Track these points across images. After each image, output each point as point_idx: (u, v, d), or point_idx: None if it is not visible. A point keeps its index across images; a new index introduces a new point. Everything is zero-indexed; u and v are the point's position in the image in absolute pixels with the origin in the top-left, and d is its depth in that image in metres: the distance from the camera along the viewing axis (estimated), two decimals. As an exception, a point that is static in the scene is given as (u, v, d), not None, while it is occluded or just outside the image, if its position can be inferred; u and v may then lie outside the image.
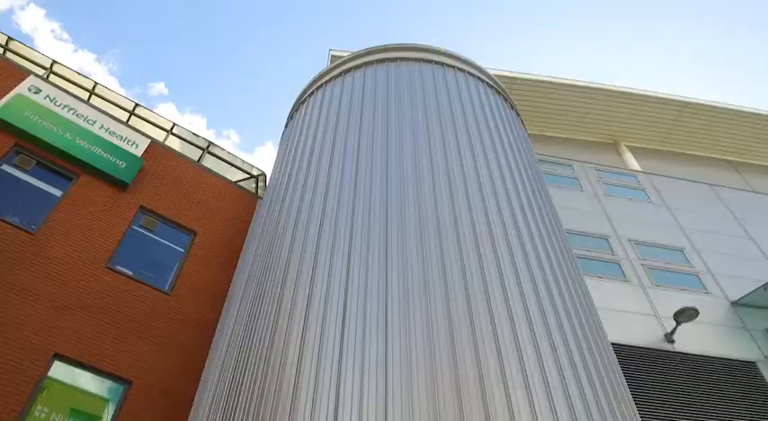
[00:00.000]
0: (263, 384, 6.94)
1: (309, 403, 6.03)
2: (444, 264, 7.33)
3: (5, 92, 10.53)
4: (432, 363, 6.07)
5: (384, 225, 8.40)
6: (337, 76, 14.28)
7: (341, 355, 6.47)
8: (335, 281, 7.71)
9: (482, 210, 8.42)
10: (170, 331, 9.70)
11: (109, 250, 9.93)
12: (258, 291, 9.18)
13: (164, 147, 12.74)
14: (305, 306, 7.53)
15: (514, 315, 6.72)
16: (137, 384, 8.71)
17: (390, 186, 9.20)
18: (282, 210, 10.75)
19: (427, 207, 8.56)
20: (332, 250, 8.35)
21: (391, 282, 7.28)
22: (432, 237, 7.91)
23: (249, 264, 10.67)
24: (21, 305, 8.35)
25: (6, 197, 9.62)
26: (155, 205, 11.33)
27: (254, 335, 8.21)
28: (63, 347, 8.37)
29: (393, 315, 6.80)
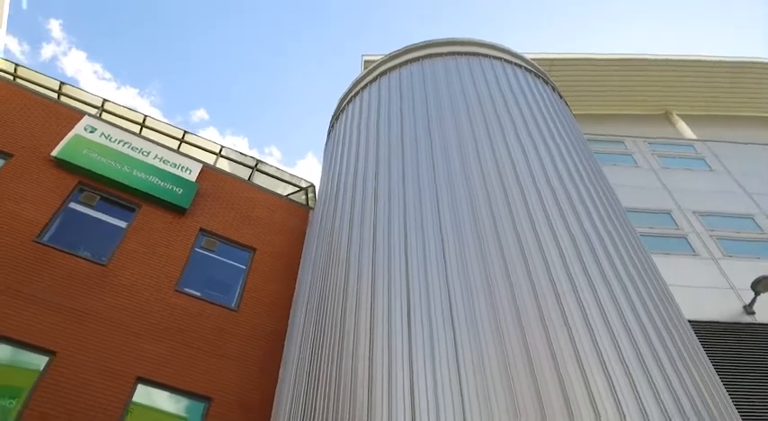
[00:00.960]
0: (337, 389, 7.03)
1: (386, 405, 6.06)
2: (504, 256, 7.23)
3: (64, 134, 11.12)
4: (504, 356, 5.98)
5: (437, 221, 8.36)
6: (373, 80, 14.35)
7: (411, 355, 6.47)
8: (396, 280, 7.73)
9: (536, 198, 8.26)
10: (241, 346, 9.97)
11: (176, 274, 10.31)
12: (321, 299, 9.32)
13: (215, 170, 13.13)
14: (369, 308, 7.58)
15: (583, 301, 6.54)
16: (216, 401, 8.98)
17: (439, 183, 9.15)
18: (335, 217, 10.88)
19: (479, 200, 8.46)
20: (388, 251, 8.38)
21: (452, 278, 7.24)
22: (488, 229, 7.81)
23: (310, 274, 10.85)
24: (101, 333, 8.77)
25: (76, 233, 10.15)
26: (213, 226, 11.70)
27: (323, 342, 8.33)
28: (144, 371, 8.73)
29: (458, 310, 6.74)
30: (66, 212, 10.16)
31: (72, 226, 10.15)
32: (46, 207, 9.83)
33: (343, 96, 15.39)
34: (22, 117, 10.97)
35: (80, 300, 8.98)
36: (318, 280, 10.10)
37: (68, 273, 9.18)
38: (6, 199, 9.53)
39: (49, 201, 9.95)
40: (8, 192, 9.64)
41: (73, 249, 9.63)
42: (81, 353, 8.38)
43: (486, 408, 5.48)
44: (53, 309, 8.65)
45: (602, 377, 5.67)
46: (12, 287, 8.53)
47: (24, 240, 9.18)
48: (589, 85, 18.17)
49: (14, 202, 9.56)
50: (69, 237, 9.90)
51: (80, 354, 8.37)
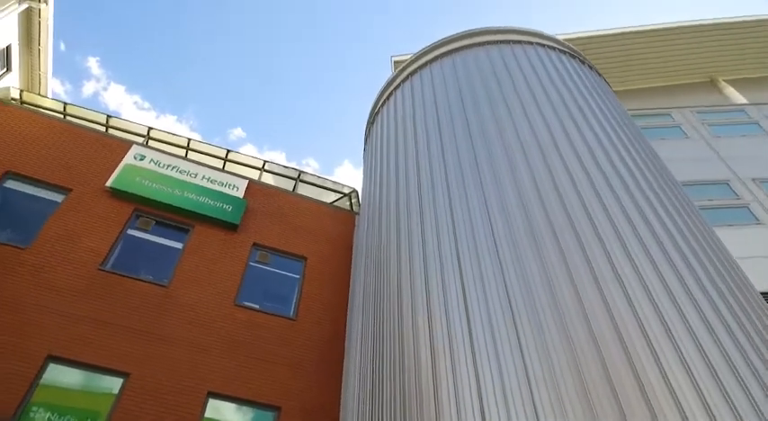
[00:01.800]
0: (402, 396, 7.04)
1: (454, 411, 6.00)
2: (560, 244, 7.07)
3: (116, 164, 11.60)
4: (572, 352, 5.82)
5: (485, 214, 8.27)
6: (404, 80, 14.34)
7: (474, 358, 6.38)
8: (449, 276, 7.69)
9: (586, 181, 8.05)
10: (303, 354, 10.13)
11: (234, 289, 10.57)
12: (376, 301, 9.37)
13: (260, 185, 13.41)
14: (425, 308, 7.57)
15: (649, 285, 6.28)
16: (285, 409, 9.15)
17: (483, 173, 9.04)
18: (381, 219, 10.92)
19: (526, 187, 8.32)
20: (438, 246, 8.34)
21: (508, 271, 7.14)
22: (539, 217, 7.67)
23: (362, 278, 10.93)
24: (170, 352, 9.08)
25: (137, 258, 10.56)
26: (265, 240, 11.94)
27: (383, 346, 8.36)
28: (214, 385, 8.99)
29: (518, 305, 6.63)
30: (125, 239, 10.59)
31: (132, 251, 10.56)
32: (106, 235, 10.27)
33: (377, 99, 15.44)
34: (76, 152, 11.51)
35: (147, 321, 9.33)
36: (371, 283, 10.16)
37: (133, 297, 9.56)
38: (70, 231, 10.01)
39: (109, 230, 10.39)
40: (71, 225, 10.12)
41: (135, 273, 10.03)
42: (153, 373, 8.71)
43: (559, 409, 5.32)
44: (122, 332, 9.01)
45: (683, 371, 5.38)
46: (81, 314, 8.95)
47: (90, 269, 9.61)
48: (626, 59, 17.59)
49: (77, 234, 10.03)
50: (131, 262, 10.31)
51: (152, 374, 8.69)
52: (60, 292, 9.08)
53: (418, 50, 14.19)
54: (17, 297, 8.74)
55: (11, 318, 8.43)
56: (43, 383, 8.09)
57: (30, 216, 10.20)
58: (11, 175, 10.54)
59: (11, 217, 10.32)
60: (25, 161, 10.84)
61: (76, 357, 8.48)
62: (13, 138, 11.14)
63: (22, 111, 11.94)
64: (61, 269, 9.40)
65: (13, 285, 8.86)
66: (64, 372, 8.40)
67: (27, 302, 8.74)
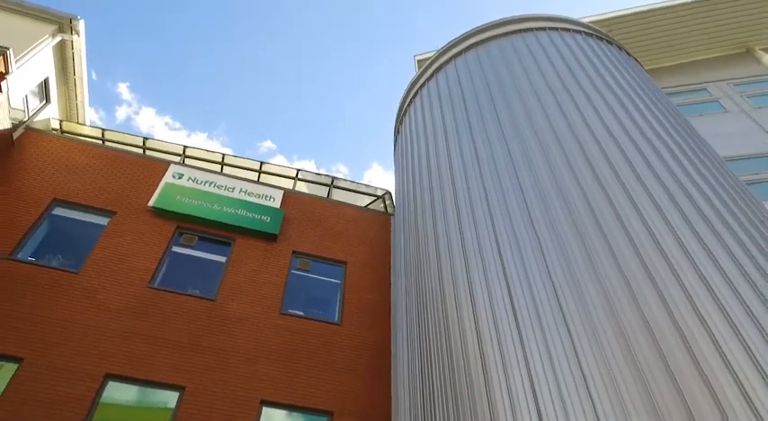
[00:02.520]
0: (454, 397, 7.01)
1: (507, 403, 5.95)
2: (605, 233, 6.92)
3: (156, 184, 11.93)
4: (627, 344, 5.68)
5: (523, 204, 8.17)
6: (429, 77, 14.30)
7: (523, 348, 6.33)
8: (492, 271, 7.63)
9: (625, 165, 7.85)
10: (350, 358, 10.20)
11: (278, 297, 10.73)
12: (419, 300, 9.36)
13: (296, 194, 13.58)
14: (470, 306, 7.53)
15: (702, 270, 6.05)
16: (337, 413, 9.23)
17: (517, 163, 8.95)
18: (417, 218, 10.91)
19: (563, 175, 8.19)
20: (477, 240, 8.29)
21: (551, 261, 7.03)
22: (579, 205, 7.53)
23: (403, 278, 10.94)
24: (222, 363, 9.27)
25: (184, 274, 10.83)
26: (304, 247, 12.08)
27: (430, 344, 8.35)
28: (266, 394, 9.14)
29: (565, 298, 6.52)
30: (170, 256, 10.87)
31: (178, 267, 10.84)
32: (152, 254, 10.56)
33: (403, 99, 15.44)
34: (118, 175, 11.88)
35: (197, 335, 9.56)
36: (412, 283, 10.17)
37: (183, 312, 9.80)
38: (118, 252, 10.34)
39: (155, 248, 10.68)
40: (118, 246, 10.45)
41: (183, 289, 10.29)
42: (207, 385, 8.91)
43: (618, 406, 5.19)
44: (175, 346, 9.25)
45: (748, 362, 5.18)
46: (135, 332, 9.22)
47: (140, 287, 9.90)
48: (655, 37, 17.09)
49: (125, 255, 10.35)
50: (178, 278, 10.58)
51: (206, 386, 8.89)
52: (113, 312, 9.39)
53: (441, 47, 14.13)
54: (73, 319, 9.07)
55: (69, 340, 8.76)
56: (103, 402, 8.36)
57: (79, 240, 10.58)
58: (58, 203, 10.96)
59: (61, 242, 10.72)
60: (70, 188, 11.26)
61: (133, 374, 8.74)
62: (58, 167, 11.58)
63: (64, 140, 12.40)
64: (112, 289, 9.71)
65: (68, 308, 9.20)
66: (122, 390, 8.68)
67: (82, 324, 9.06)
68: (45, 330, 8.77)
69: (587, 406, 5.29)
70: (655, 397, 4.98)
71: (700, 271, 5.88)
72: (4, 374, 8.28)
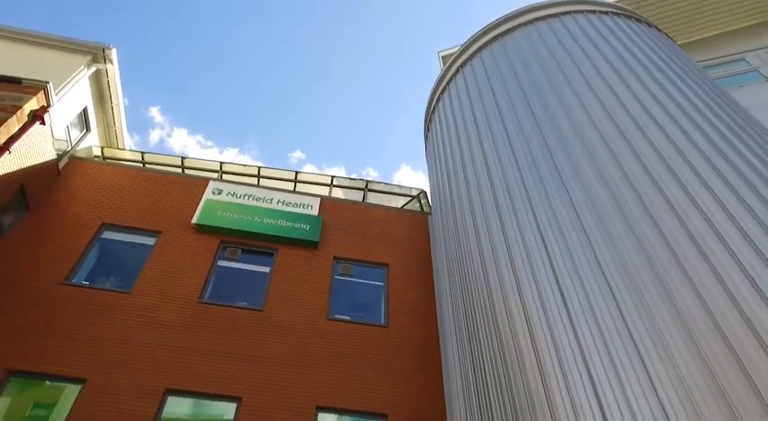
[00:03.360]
0: (511, 394, 6.94)
1: (569, 404, 5.82)
2: (653, 217, 6.74)
3: (198, 201, 12.22)
4: (689, 334, 5.50)
5: (563, 189, 8.03)
6: (456, 72, 14.22)
7: (578, 342, 6.20)
8: (537, 261, 7.52)
9: (669, 147, 7.61)
10: (399, 359, 10.20)
11: (324, 303, 10.83)
12: (465, 299, 9.30)
13: (332, 200, 13.70)
14: (518, 300, 7.44)
15: (759, 246, 5.83)
16: (391, 416, 9.24)
17: (555, 152, 8.80)
18: (456, 215, 10.85)
19: (603, 160, 8.01)
20: (519, 230, 8.19)
21: (598, 246, 6.89)
22: (623, 190, 7.35)
23: (446, 276, 10.89)
24: (275, 372, 9.41)
25: (231, 286, 11.07)
26: (345, 252, 12.17)
27: (480, 341, 8.28)
28: (321, 400, 9.22)
29: (617, 285, 6.37)
30: (217, 270, 11.12)
31: (225, 281, 11.08)
32: (199, 269, 10.82)
33: (430, 97, 15.40)
34: (160, 196, 12.23)
35: (249, 345, 9.73)
36: (456, 279, 10.11)
37: (233, 324, 10.00)
38: (166, 270, 10.63)
39: (201, 264, 10.94)
40: (166, 265, 10.75)
41: (231, 301, 10.51)
42: (263, 395, 9.06)
43: (688, 401, 5.00)
44: (228, 358, 9.44)
45: None
46: (189, 346, 9.45)
47: (190, 302, 10.15)
48: (684, 10, 16.55)
49: (173, 272, 10.63)
50: (225, 291, 10.82)
51: (262, 396, 9.04)
52: (167, 328, 9.64)
53: (465, 41, 14.04)
54: (129, 338, 9.36)
55: (127, 359, 9.04)
56: (165, 417, 8.59)
57: (128, 261, 10.92)
58: (106, 226, 11.34)
59: (112, 265, 11.10)
60: (116, 211, 11.64)
61: (191, 388, 8.96)
62: (103, 192, 11.99)
63: (107, 166, 12.83)
64: (164, 307, 9.98)
65: (123, 327, 9.50)
66: (182, 404, 8.91)
67: (139, 342, 9.34)
68: (104, 350, 9.08)
69: (656, 408, 5.13)
70: (731, 399, 4.76)
71: (762, 254, 5.63)
72: (69, 395, 8.60)
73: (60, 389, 8.76)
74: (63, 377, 8.71)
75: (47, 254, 10.42)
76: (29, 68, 11.49)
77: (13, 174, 10.19)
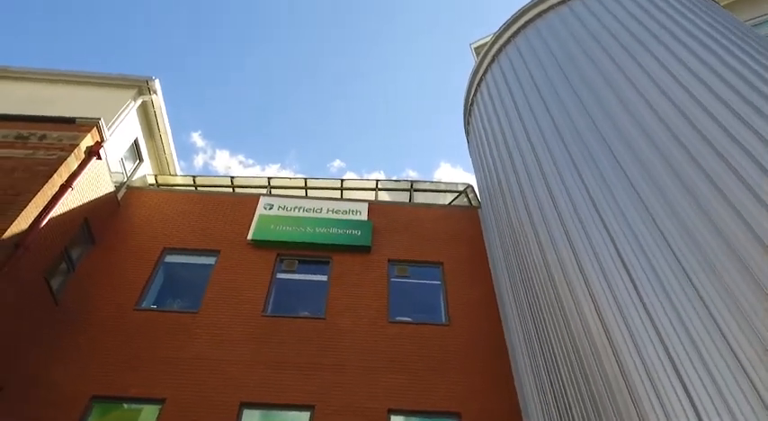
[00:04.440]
0: (588, 387, 6.76)
1: (657, 404, 5.58)
2: (717, 186, 6.44)
3: (251, 217, 12.51)
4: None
5: (618, 169, 7.78)
6: (491, 62, 14.04)
7: (657, 332, 5.96)
8: (598, 241, 7.32)
9: (729, 114, 7.25)
10: (466, 356, 10.10)
11: (383, 306, 10.86)
12: (526, 290, 9.13)
13: (379, 204, 13.75)
14: (585, 289, 7.25)
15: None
16: (465, 414, 9.15)
17: (605, 131, 8.55)
18: (507, 205, 10.68)
19: (661, 136, 7.70)
20: (575, 213, 7.99)
21: (664, 225, 6.63)
22: (684, 163, 7.06)
23: (504, 268, 10.73)
24: (344, 378, 9.49)
25: (291, 297, 11.27)
26: (398, 254, 12.18)
27: (549, 333, 8.11)
28: (392, 402, 9.23)
29: (690, 263, 6.11)
30: (276, 283, 11.34)
31: (285, 292, 11.28)
32: (260, 283, 11.06)
33: (468, 90, 15.25)
34: (215, 216, 12.59)
35: (315, 354, 9.85)
36: (515, 270, 9.95)
37: (298, 334, 10.15)
38: (229, 287, 10.91)
39: (261, 278, 11.18)
40: (228, 282, 11.03)
41: (294, 312, 10.71)
42: (334, 401, 9.15)
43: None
44: (296, 368, 9.59)
45: None
46: (258, 359, 9.65)
47: (255, 317, 10.38)
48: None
49: (236, 288, 10.90)
50: (287, 302, 11.02)
51: (334, 402, 9.13)
52: (235, 344, 9.89)
53: (497, 29, 13.84)
54: (201, 356, 9.64)
55: (202, 376, 9.31)
56: (242, 430, 8.81)
57: (192, 282, 11.28)
58: (168, 251, 11.76)
59: (177, 287, 11.50)
60: (176, 235, 12.06)
61: (264, 400, 9.15)
62: (161, 218, 12.44)
63: (162, 193, 13.31)
64: (230, 323, 10.24)
65: (195, 346, 9.80)
66: (257, 416, 9.10)
67: (210, 358, 9.60)
68: (179, 370, 9.38)
69: (743, 383, 4.88)
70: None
71: None
72: (149, 415, 8.93)
73: (141, 411, 9.12)
74: (143, 398, 9.05)
75: (115, 282, 10.88)
76: (80, 107, 12.06)
77: (76, 209, 10.69)
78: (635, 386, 5.80)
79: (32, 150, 10.36)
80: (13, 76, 13.46)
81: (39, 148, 10.41)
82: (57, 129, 10.92)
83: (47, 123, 10.97)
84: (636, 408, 5.67)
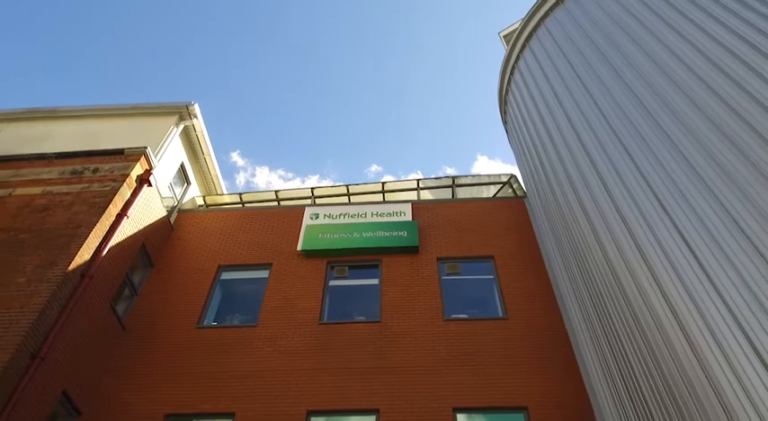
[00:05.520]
0: (662, 375, 6.53)
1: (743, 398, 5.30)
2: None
3: (299, 229, 12.72)
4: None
5: (668, 141, 7.49)
6: (522, 48, 13.81)
7: (718, 293, 5.73)
8: (651, 214, 7.06)
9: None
10: (527, 348, 9.92)
11: (437, 305, 10.79)
12: (584, 277, 8.90)
13: (422, 203, 13.70)
14: (640, 258, 7.01)
15: None
16: (532, 408, 8.97)
17: (648, 104, 8.25)
18: (555, 191, 10.46)
19: (709, 102, 7.37)
20: (629, 194, 7.74)
21: (722, 193, 6.33)
22: (738, 131, 6.73)
23: (557, 256, 10.50)
24: (407, 380, 9.47)
25: (345, 303, 11.37)
26: (447, 252, 12.10)
27: (612, 321, 7.88)
28: (456, 401, 9.15)
29: (749, 224, 5.83)
30: (330, 290, 11.46)
31: (339, 299, 11.39)
32: (314, 292, 11.22)
33: (501, 79, 15.04)
34: (264, 230, 12.86)
35: (375, 357, 9.88)
36: (570, 258, 9.71)
37: (356, 339, 10.22)
38: (285, 299, 11.11)
39: (314, 287, 11.34)
40: (284, 293, 11.24)
41: (350, 318, 10.81)
42: (399, 403, 9.14)
43: None
44: (357, 373, 9.64)
45: None
46: (319, 367, 9.76)
47: (312, 325, 10.53)
48: None
49: (291, 299, 11.09)
50: (341, 308, 11.14)
51: (398, 404, 9.12)
52: (296, 353, 10.04)
53: (524, 15, 13.60)
54: (264, 368, 9.84)
55: (267, 387, 9.50)
56: (308, 438, 8.94)
57: (248, 296, 11.55)
58: (223, 268, 12.08)
59: (235, 302, 11.80)
60: (229, 252, 12.38)
61: (329, 406, 9.24)
62: (213, 237, 12.80)
63: (212, 213, 13.69)
64: (289, 333, 10.42)
65: (258, 359, 10.01)
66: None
67: (273, 370, 9.79)
68: (245, 383, 9.61)
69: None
70: None
71: None
72: (221, 430, 9.18)
73: (212, 426, 9.37)
74: (213, 414, 9.30)
75: (176, 302, 11.25)
76: (127, 138, 12.54)
77: (133, 236, 11.13)
78: (708, 364, 5.55)
79: (87, 184, 10.85)
80: (61, 116, 14.14)
81: (93, 181, 10.90)
82: (107, 161, 11.40)
83: (98, 157, 11.48)
84: (713, 390, 5.43)
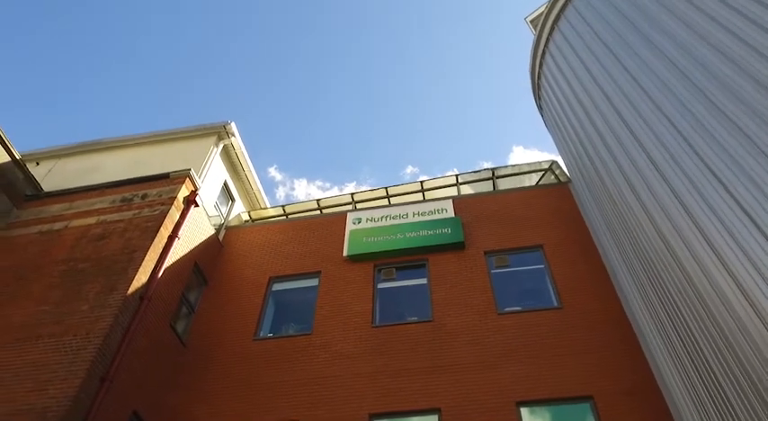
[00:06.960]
0: (725, 338, 6.25)
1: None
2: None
3: (343, 235, 12.82)
4: None
5: (718, 112, 7.15)
6: (551, 31, 13.52)
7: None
8: (708, 191, 6.76)
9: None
10: (586, 336, 9.67)
11: (489, 299, 10.65)
12: (638, 254, 8.61)
13: (463, 198, 13.58)
14: (700, 236, 6.73)
15: None
16: (597, 397, 8.73)
17: (692, 74, 7.92)
18: (601, 174, 10.18)
19: (760, 73, 7.01)
20: (683, 173, 7.43)
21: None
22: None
23: (610, 240, 10.20)
24: (462, 379, 9.38)
25: (396, 305, 11.38)
26: (493, 245, 11.93)
27: (674, 301, 7.60)
28: (518, 395, 8.99)
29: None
30: (379, 293, 11.50)
31: (389, 301, 11.41)
32: (364, 296, 11.28)
33: (532, 64, 14.78)
34: (310, 239, 13.04)
35: (431, 356, 9.83)
36: (624, 240, 9.42)
37: (410, 339, 10.21)
38: (336, 305, 11.22)
39: (364, 291, 11.40)
40: (334, 299, 11.35)
41: (402, 319, 10.82)
42: (461, 401, 9.06)
43: None
44: (416, 373, 9.62)
45: None
46: (377, 370, 9.80)
47: (366, 329, 10.59)
48: None
49: (342, 305, 11.19)
50: (393, 310, 11.15)
51: (461, 402, 9.04)
52: (352, 358, 10.11)
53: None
54: (324, 374, 9.95)
55: (328, 394, 9.59)
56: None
57: (301, 305, 11.72)
58: (274, 280, 12.30)
59: (288, 312, 11.98)
60: (278, 264, 12.61)
61: (391, 408, 9.25)
62: (262, 250, 13.06)
63: (258, 227, 13.99)
64: (344, 338, 10.50)
65: (315, 366, 10.14)
66: (386, 425, 9.22)
67: (332, 376, 9.88)
68: (306, 391, 9.73)
69: None
70: None
71: None
72: (289, 437, 9.32)
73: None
74: (278, 423, 9.46)
75: (232, 317, 11.52)
76: (171, 162, 12.94)
77: (186, 256, 11.47)
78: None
79: (138, 210, 11.26)
80: (106, 147, 14.74)
81: (143, 207, 11.30)
82: (155, 186, 11.81)
83: (145, 183, 11.92)
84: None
